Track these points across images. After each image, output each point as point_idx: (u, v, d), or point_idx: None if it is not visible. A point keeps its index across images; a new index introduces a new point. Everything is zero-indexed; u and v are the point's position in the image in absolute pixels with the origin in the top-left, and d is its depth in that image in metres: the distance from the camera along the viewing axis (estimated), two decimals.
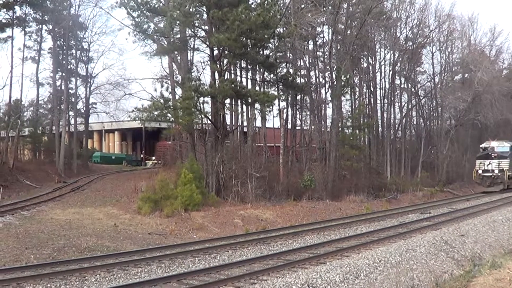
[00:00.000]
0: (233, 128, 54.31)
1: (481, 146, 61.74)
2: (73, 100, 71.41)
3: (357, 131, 58.53)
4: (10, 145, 58.08)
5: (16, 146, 60.02)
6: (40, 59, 67.40)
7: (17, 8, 61.29)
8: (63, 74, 68.96)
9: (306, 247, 24.76)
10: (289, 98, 57.77)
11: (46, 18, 64.73)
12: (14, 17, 61.63)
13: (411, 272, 17.44)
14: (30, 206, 36.99)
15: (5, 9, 59.61)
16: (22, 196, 42.77)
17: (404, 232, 28.99)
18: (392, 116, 75.23)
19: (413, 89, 77.59)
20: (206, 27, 42.50)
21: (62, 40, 67.49)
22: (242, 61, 51.20)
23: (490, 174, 56.98)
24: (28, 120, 71.75)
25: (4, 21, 60.52)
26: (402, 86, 77.55)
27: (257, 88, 52.38)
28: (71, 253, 22.87)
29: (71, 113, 72.71)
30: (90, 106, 74.97)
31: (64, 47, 68.27)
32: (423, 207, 42.78)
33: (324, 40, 65.02)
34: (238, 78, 53.23)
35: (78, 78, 71.26)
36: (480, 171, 58.21)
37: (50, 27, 66.23)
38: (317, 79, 63.70)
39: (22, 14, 63.45)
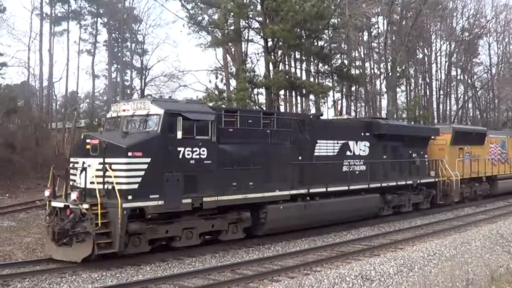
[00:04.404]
0: None
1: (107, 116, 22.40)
2: (128, 92, 72.14)
3: (413, 123, 57.99)
4: (66, 136, 58.99)
5: (73, 137, 60.93)
6: (95, 52, 68.47)
7: (72, 1, 62.40)
8: (118, 66, 69.78)
9: (360, 239, 24.71)
10: (344, 89, 57.66)
11: (101, 11, 65.63)
12: (70, 10, 62.74)
13: (466, 265, 17.23)
14: None
15: (60, 3, 60.77)
16: None
17: (459, 225, 28.73)
18: (448, 107, 74.68)
19: (469, 81, 76.73)
20: (260, 18, 42.46)
21: (117, 32, 68.34)
22: (296, 52, 51.18)
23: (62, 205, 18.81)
24: (84, 111, 72.84)
25: (60, 14, 61.75)
26: (458, 77, 76.79)
27: (311, 79, 52.32)
28: None
29: None
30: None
31: (119, 40, 69.07)
32: (479, 200, 41.51)
33: (379, 31, 64.81)
34: (293, 69, 53.40)
35: (133, 70, 72.02)
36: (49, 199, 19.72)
37: (105, 20, 67.17)
38: (372, 70, 63.52)
39: (78, 8, 64.59)
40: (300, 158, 24.68)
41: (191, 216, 20.23)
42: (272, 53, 41.71)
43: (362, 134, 28.76)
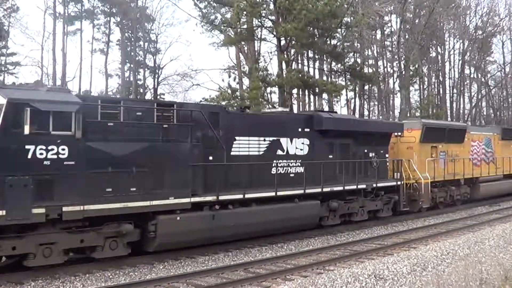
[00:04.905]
0: None
1: None
2: (141, 91, 72.19)
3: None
4: None
5: None
6: (108, 51, 68.56)
7: (85, 1, 62.69)
8: (131, 66, 69.84)
9: (373, 238, 24.64)
10: (357, 88, 57.57)
11: (114, 11, 65.77)
12: (83, 10, 63.03)
13: (479, 265, 17.14)
14: None
15: (74, 2, 61.08)
16: None
17: (473, 224, 28.60)
18: (462, 106, 74.49)
19: (483, 79, 76.53)
20: (273, 17, 42.46)
21: (130, 32, 68.41)
22: (309, 51, 51.17)
23: None
24: None
25: (73, 14, 62.04)
26: (472, 76, 76.62)
27: (324, 78, 52.33)
28: None
29: None
30: (158, 97, 75.70)
31: (132, 39, 69.15)
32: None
33: (392, 30, 64.64)
34: (306, 68, 53.35)
35: (146, 69, 72.06)
36: None
37: (118, 19, 67.25)
38: (385, 69, 63.40)
39: (91, 7, 64.81)
40: (210, 158, 20.44)
41: (50, 229, 16.26)
42: (285, 52, 41.69)
43: (300, 130, 24.29)
